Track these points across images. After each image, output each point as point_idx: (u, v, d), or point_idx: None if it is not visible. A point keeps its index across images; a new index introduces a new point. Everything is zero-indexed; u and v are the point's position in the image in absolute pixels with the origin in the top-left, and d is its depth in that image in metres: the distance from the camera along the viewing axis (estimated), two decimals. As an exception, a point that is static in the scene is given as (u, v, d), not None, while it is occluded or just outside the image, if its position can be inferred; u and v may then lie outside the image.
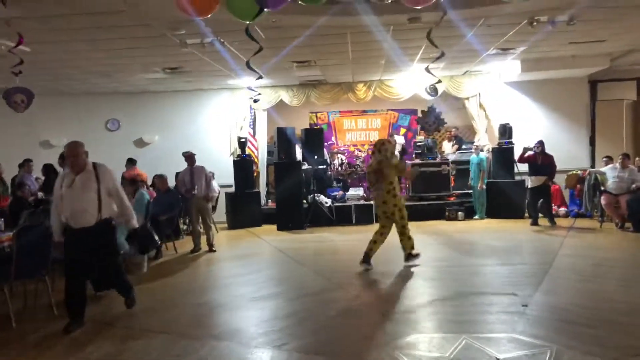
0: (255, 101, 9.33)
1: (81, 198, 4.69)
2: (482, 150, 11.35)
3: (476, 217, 11.08)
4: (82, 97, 11.85)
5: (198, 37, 6.97)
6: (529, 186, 10.25)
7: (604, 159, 10.17)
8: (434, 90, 7.55)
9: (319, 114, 13.65)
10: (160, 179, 9.00)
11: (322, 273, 6.74)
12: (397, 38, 7.52)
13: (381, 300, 5.54)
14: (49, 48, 7.25)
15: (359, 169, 12.52)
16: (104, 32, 6.59)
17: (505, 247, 8.20)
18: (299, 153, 11.56)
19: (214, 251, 8.76)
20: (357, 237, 9.42)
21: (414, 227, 6.59)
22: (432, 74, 6.45)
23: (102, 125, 12.14)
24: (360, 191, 11.74)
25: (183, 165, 8.98)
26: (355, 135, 13.83)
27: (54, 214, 4.84)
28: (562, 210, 11.14)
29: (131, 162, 10.71)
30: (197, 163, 8.99)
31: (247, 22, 3.87)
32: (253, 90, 7.81)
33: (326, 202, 11.27)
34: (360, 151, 13.63)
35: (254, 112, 12.45)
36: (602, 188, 9.62)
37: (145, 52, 7.87)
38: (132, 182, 8.25)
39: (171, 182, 9.60)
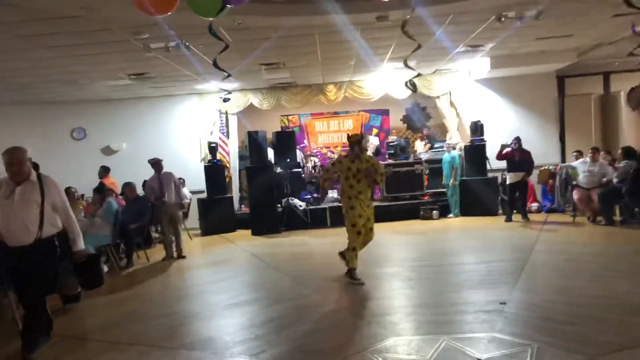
0: (225, 100, 9.11)
1: (21, 212, 4.15)
2: (454, 149, 11.40)
3: (451, 215, 11.11)
4: (45, 106, 11.48)
5: (162, 41, 6.77)
6: (507, 182, 10.30)
7: (574, 153, 10.30)
8: (413, 85, 7.47)
9: (290, 117, 13.53)
10: (128, 186, 8.74)
11: (298, 278, 6.63)
12: (366, 37, 7.45)
13: (359, 303, 5.44)
14: (7, 56, 6.95)
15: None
16: (64, 38, 6.33)
17: (480, 244, 8.21)
18: (271, 157, 11.42)
19: (184, 257, 8.64)
20: (332, 240, 9.33)
21: (388, 228, 6.47)
22: (411, 67, 6.31)
23: (68, 135, 11.78)
24: (334, 194, 11.63)
25: (152, 172, 8.75)
26: (327, 137, 13.74)
27: None
28: (535, 205, 11.26)
29: (105, 170, 10.45)
30: (167, 169, 8.81)
31: (210, 19, 3.71)
32: (225, 90, 7.61)
33: (300, 206, 11.15)
34: (333, 153, 13.54)
35: (225, 117, 12.24)
36: (574, 183, 9.73)
37: (108, 58, 7.62)
38: (99, 191, 8.00)
39: (140, 190, 9.34)
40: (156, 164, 8.70)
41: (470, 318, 4.54)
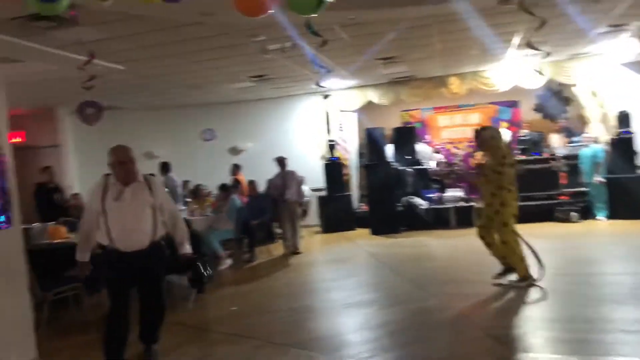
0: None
1: (134, 214, 3.85)
2: (595, 142, 10.19)
3: (599, 217, 9.89)
4: (178, 110, 12.34)
5: (278, 42, 6.88)
6: None
7: None
8: (540, 71, 6.81)
9: (411, 112, 13.14)
10: (251, 184, 9.17)
11: (416, 281, 6.37)
12: (488, 24, 6.87)
13: (482, 313, 5.04)
14: (138, 65, 7.57)
15: (457, 168, 11.82)
16: (187, 45, 6.71)
17: (630, 252, 7.12)
18: (390, 153, 11.20)
19: (299, 253, 8.81)
20: (455, 241, 8.91)
21: (519, 231, 5.85)
22: (535, 48, 5.63)
23: (198, 136, 12.56)
24: (459, 192, 11.06)
25: (275, 170, 9.09)
26: (451, 132, 13.12)
27: (83, 230, 3.98)
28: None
29: (237, 168, 10.99)
30: (288, 167, 9.09)
31: (309, 16, 3.63)
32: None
33: (421, 205, 10.77)
34: (457, 149, 12.89)
35: (344, 114, 12.24)
36: None
37: (229, 61, 7.94)
38: (223, 188, 8.43)
39: (263, 188, 9.71)
40: (281, 162, 9.05)
41: (609, 338, 3.95)
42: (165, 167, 9.78)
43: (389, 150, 11.26)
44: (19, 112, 10.57)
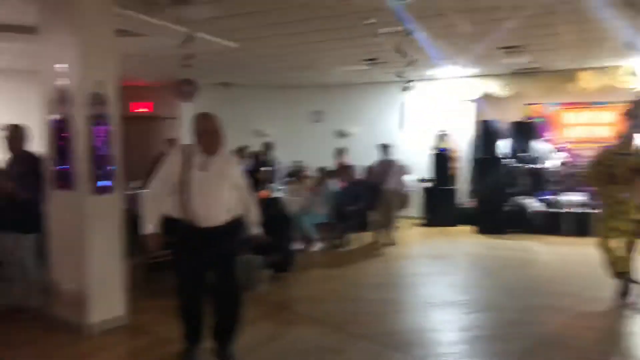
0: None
1: (217, 187, 3.59)
2: None
3: None
4: (288, 90, 12.50)
5: (390, 26, 6.67)
6: None
7: None
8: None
9: (534, 106, 12.16)
10: (349, 169, 9.14)
11: (513, 289, 6.00)
12: (625, 14, 6.03)
13: (580, 334, 4.55)
14: (256, 44, 7.77)
15: (579, 170, 10.78)
16: (300, 26, 6.72)
17: None
18: (506, 149, 10.51)
19: (393, 244, 8.63)
20: (565, 250, 8.23)
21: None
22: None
23: (308, 116, 12.66)
24: (577, 197, 10.07)
25: (377, 157, 9.01)
26: (578, 131, 11.94)
27: (154, 197, 3.62)
28: None
29: (340, 152, 10.97)
30: (394, 156, 8.98)
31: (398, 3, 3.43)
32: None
33: (533, 207, 10.00)
34: (583, 150, 11.72)
35: (459, 104, 11.65)
36: None
37: (342, 44, 7.86)
38: (322, 171, 8.49)
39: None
40: (385, 148, 8.95)
41: None
42: (268, 147, 10.08)
43: (505, 145, 10.59)
44: (148, 84, 11.50)
